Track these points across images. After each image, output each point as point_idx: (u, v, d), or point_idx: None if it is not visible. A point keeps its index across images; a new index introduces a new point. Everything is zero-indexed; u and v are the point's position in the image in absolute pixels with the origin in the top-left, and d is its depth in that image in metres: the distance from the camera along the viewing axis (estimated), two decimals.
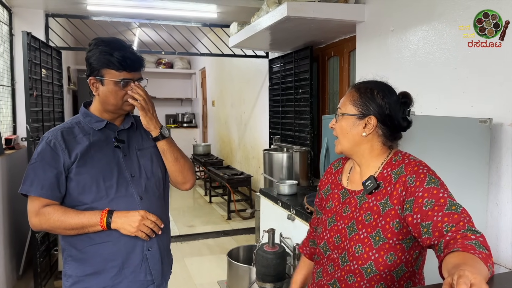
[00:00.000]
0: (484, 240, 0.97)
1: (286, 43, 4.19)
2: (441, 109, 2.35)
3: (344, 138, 1.26)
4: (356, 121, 1.23)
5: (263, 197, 3.27)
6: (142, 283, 1.54)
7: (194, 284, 3.72)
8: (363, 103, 1.22)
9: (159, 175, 1.63)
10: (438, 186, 1.10)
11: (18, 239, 3.58)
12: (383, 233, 1.15)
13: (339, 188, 1.34)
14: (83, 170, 1.46)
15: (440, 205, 1.05)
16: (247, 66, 6.22)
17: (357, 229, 1.20)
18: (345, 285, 1.21)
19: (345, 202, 1.29)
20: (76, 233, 1.45)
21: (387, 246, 1.14)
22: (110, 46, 1.47)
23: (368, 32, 3.04)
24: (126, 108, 1.53)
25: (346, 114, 1.25)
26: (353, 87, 1.29)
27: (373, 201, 1.20)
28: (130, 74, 1.48)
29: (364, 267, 1.16)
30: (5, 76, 3.95)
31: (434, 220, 1.04)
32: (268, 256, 2.26)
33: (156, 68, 10.21)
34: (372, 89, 1.24)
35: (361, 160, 1.27)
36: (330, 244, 1.27)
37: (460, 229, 1.00)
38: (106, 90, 1.48)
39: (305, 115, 4.16)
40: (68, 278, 1.51)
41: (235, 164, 7.13)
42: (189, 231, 5.25)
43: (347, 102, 1.26)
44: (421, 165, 1.17)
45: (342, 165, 1.40)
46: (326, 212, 1.35)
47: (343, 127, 1.25)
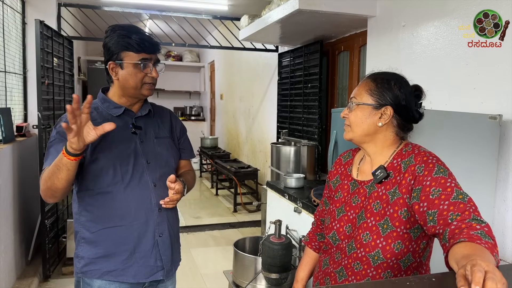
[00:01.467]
0: (490, 230, 0.98)
1: (296, 37, 4.19)
2: (451, 105, 2.34)
3: (358, 127, 1.25)
4: (372, 111, 1.23)
5: (270, 190, 3.29)
6: (152, 268, 1.57)
7: (200, 274, 3.76)
8: (380, 93, 1.23)
9: (172, 165, 1.65)
10: (446, 176, 1.11)
11: (27, 226, 3.64)
12: (391, 221, 1.16)
13: (348, 179, 1.35)
14: (100, 154, 1.48)
15: (447, 194, 1.06)
16: (256, 60, 6.22)
17: (365, 217, 1.22)
18: (351, 272, 1.23)
19: (354, 192, 1.30)
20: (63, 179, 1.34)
21: (395, 234, 1.16)
22: (128, 30, 1.50)
23: (379, 27, 3.03)
24: (145, 93, 1.54)
25: (362, 103, 1.25)
26: (368, 77, 1.29)
27: (382, 190, 1.22)
28: (149, 55, 1.51)
29: (371, 255, 1.18)
30: (17, 64, 3.99)
31: (440, 209, 1.05)
32: (274, 247, 2.27)
33: (165, 60, 10.24)
34: (389, 80, 1.24)
35: (373, 149, 1.28)
36: (340, 234, 1.28)
37: (466, 218, 1.00)
38: (126, 73, 1.50)
39: (314, 109, 4.17)
40: (81, 259, 1.54)
41: (242, 157, 7.15)
42: (195, 222, 5.30)
43: (363, 91, 1.25)
44: (430, 156, 1.18)
45: (352, 156, 1.41)
46: (334, 202, 1.35)
47: (358, 116, 1.25)
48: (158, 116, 1.68)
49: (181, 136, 1.75)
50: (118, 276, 1.52)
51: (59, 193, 1.39)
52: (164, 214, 1.56)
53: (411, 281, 0.84)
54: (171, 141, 1.67)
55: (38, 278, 3.41)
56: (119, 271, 1.52)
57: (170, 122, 1.72)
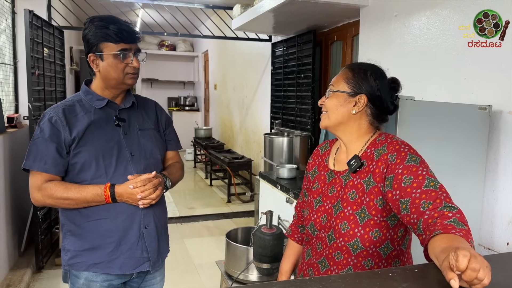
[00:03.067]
0: (462, 216, 1.00)
1: (289, 26, 4.16)
2: (441, 96, 2.35)
3: (333, 114, 1.28)
4: (347, 98, 1.26)
5: (262, 181, 3.30)
6: (138, 260, 1.57)
7: (193, 264, 3.77)
8: (356, 82, 1.26)
9: (157, 156, 1.65)
10: (418, 164, 1.13)
11: (20, 217, 3.63)
12: (367, 210, 1.19)
13: (325, 169, 1.37)
14: (83, 147, 1.48)
15: (419, 182, 1.09)
16: (250, 50, 6.19)
17: (342, 207, 1.24)
18: (333, 262, 1.25)
19: (330, 183, 1.32)
20: (79, 207, 1.49)
21: (372, 222, 1.18)
22: (105, 20, 1.48)
23: (372, 17, 3.02)
24: (128, 82, 1.54)
25: (338, 91, 1.28)
26: (347, 67, 1.32)
27: (357, 179, 1.24)
28: (128, 45, 1.49)
29: (351, 244, 1.20)
30: (7, 54, 3.94)
31: (412, 197, 1.07)
32: (265, 237, 2.28)
33: (158, 50, 10.17)
34: (366, 70, 1.28)
35: (347, 137, 1.30)
36: (317, 224, 1.30)
37: (437, 206, 1.03)
38: (106, 64, 1.49)
39: (307, 100, 4.16)
40: (67, 252, 1.55)
41: (236, 148, 7.15)
42: (189, 212, 5.31)
43: (340, 80, 1.29)
44: (402, 144, 1.21)
45: (329, 147, 1.43)
46: (312, 193, 1.38)
47: (333, 103, 1.28)
48: (142, 107, 1.67)
49: (167, 127, 1.74)
50: (104, 268, 1.53)
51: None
52: (150, 206, 1.56)
53: (393, 272, 0.85)
54: (156, 132, 1.67)
55: (31, 269, 3.42)
56: (105, 263, 1.53)
57: (156, 114, 1.71)
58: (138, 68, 1.54)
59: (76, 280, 1.55)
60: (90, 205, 1.48)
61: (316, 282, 0.78)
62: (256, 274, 2.45)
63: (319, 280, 0.81)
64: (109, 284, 1.56)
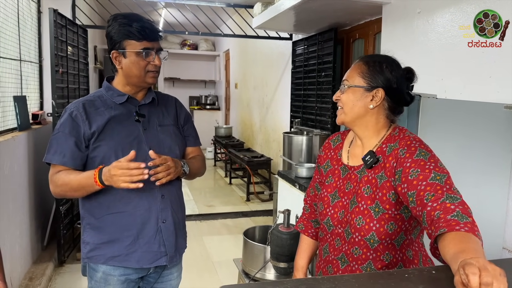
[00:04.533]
0: (464, 207, 0.98)
1: (310, 24, 4.13)
2: (465, 94, 2.28)
3: (349, 110, 1.25)
4: (364, 93, 1.23)
5: (281, 179, 3.27)
6: (155, 254, 1.58)
7: (211, 261, 3.78)
8: (371, 75, 1.23)
9: (176, 152, 1.65)
10: (426, 159, 1.12)
11: (43, 212, 3.71)
12: (381, 204, 1.18)
13: (339, 164, 1.35)
14: (102, 142, 1.50)
15: (425, 175, 1.07)
16: (270, 49, 6.17)
17: (357, 202, 1.22)
18: (352, 258, 1.23)
19: (345, 178, 1.30)
20: (83, 194, 1.49)
21: (387, 216, 1.17)
22: (128, 18, 1.49)
23: (394, 14, 2.96)
24: (149, 81, 1.55)
25: (354, 86, 1.24)
26: (360, 60, 1.28)
27: (371, 175, 1.22)
28: (150, 43, 1.50)
29: (367, 238, 1.19)
30: (33, 53, 4.04)
31: (418, 189, 1.06)
32: (282, 236, 2.27)
33: (181, 49, 10.25)
34: (381, 62, 1.24)
35: (364, 132, 1.27)
36: (334, 220, 1.29)
37: (439, 197, 1.01)
38: (129, 61, 1.50)
39: (327, 98, 4.11)
40: (86, 245, 1.57)
41: (256, 146, 7.15)
42: (208, 210, 5.33)
43: (355, 74, 1.25)
44: (414, 140, 1.19)
45: (341, 140, 1.40)
46: (326, 187, 1.35)
47: (350, 98, 1.25)
48: (163, 104, 1.68)
49: (185, 123, 1.75)
50: (122, 261, 1.54)
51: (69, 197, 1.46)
52: (168, 200, 1.57)
53: (409, 273, 0.82)
54: (175, 128, 1.67)
55: (53, 263, 3.49)
56: (123, 257, 1.54)
57: (175, 110, 1.72)
58: (160, 66, 1.55)
59: (94, 273, 1.57)
60: (87, 190, 1.45)
61: (329, 281, 0.76)
62: (273, 273, 2.43)
63: (332, 279, 0.79)
64: (126, 278, 1.58)
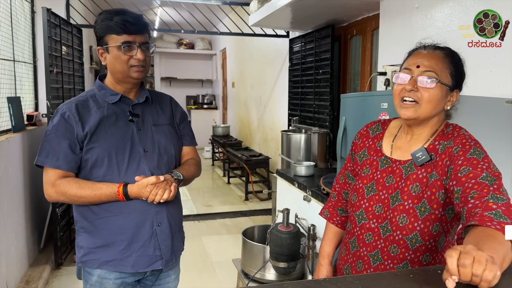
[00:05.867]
0: (508, 208, 0.93)
1: (307, 21, 4.09)
2: (466, 89, 2.24)
3: (429, 106, 1.14)
4: (447, 93, 1.16)
5: (279, 178, 3.24)
6: (151, 258, 1.54)
7: (210, 262, 3.75)
8: (458, 76, 1.17)
9: (172, 152, 1.61)
10: (480, 158, 1.07)
11: (39, 214, 3.67)
12: (428, 204, 1.12)
13: (378, 155, 1.28)
14: (96, 143, 1.46)
15: (476, 173, 1.02)
16: (267, 47, 6.14)
17: (401, 200, 1.16)
18: (387, 256, 1.18)
19: (385, 170, 1.24)
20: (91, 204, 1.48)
21: (433, 216, 1.12)
22: (111, 13, 1.46)
23: (392, 10, 2.93)
24: (133, 75, 1.48)
25: (444, 83, 1.14)
26: (446, 54, 1.18)
27: (422, 173, 1.16)
28: (131, 36, 1.44)
29: (409, 237, 1.13)
30: (27, 53, 3.99)
31: (465, 186, 1.02)
32: (282, 235, 2.24)
33: (177, 48, 10.21)
34: (463, 63, 1.19)
35: (423, 129, 1.21)
36: (369, 213, 1.22)
37: (484, 196, 0.96)
38: (111, 57, 1.46)
39: (325, 96, 4.08)
40: (80, 249, 1.53)
41: (254, 145, 7.11)
42: (207, 210, 5.30)
43: (444, 69, 1.15)
44: (470, 138, 1.15)
45: (382, 130, 1.33)
46: (362, 178, 1.28)
47: (437, 95, 1.13)
48: (157, 102, 1.64)
49: (181, 122, 1.71)
50: (116, 265, 1.51)
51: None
52: (163, 203, 1.53)
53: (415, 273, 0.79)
54: (171, 128, 1.63)
55: (50, 265, 3.45)
56: (118, 261, 1.50)
57: (171, 109, 1.68)
58: (144, 60, 1.48)
59: (89, 277, 1.54)
60: (104, 201, 1.46)
61: (331, 283, 0.73)
62: (273, 273, 2.40)
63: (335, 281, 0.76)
64: (122, 281, 1.54)
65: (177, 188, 1.52)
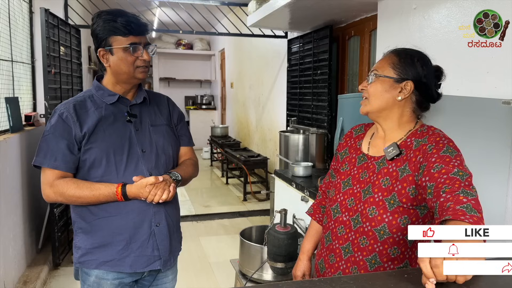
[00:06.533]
0: (477, 203, 0.97)
1: (305, 22, 4.10)
2: (463, 90, 2.25)
3: (376, 100, 1.25)
4: (393, 84, 1.23)
5: (277, 179, 3.25)
6: (149, 258, 1.54)
7: (208, 262, 3.75)
8: (402, 67, 1.23)
9: (170, 152, 1.62)
10: (452, 156, 1.11)
11: (37, 214, 3.67)
12: (398, 197, 1.17)
13: (357, 152, 1.35)
14: (94, 144, 1.46)
15: (447, 169, 1.07)
16: (266, 47, 6.14)
17: (372, 192, 1.22)
18: (357, 248, 1.23)
19: (361, 167, 1.30)
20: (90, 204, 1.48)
21: (401, 209, 1.16)
22: (113, 14, 1.46)
23: (390, 10, 2.93)
24: (139, 76, 1.51)
25: (384, 76, 1.24)
26: (392, 52, 1.29)
27: (393, 167, 1.22)
28: (137, 38, 1.46)
29: (377, 229, 1.18)
30: (25, 53, 3.99)
31: (437, 182, 1.05)
32: (279, 236, 2.24)
33: (176, 49, 10.21)
34: (413, 56, 1.25)
35: (388, 124, 1.27)
36: (342, 207, 1.29)
37: (455, 190, 1.00)
38: (116, 58, 1.46)
39: (323, 96, 4.09)
40: (78, 249, 1.53)
41: (252, 146, 7.12)
42: (205, 211, 5.30)
43: (386, 64, 1.26)
44: (443, 137, 1.19)
45: (364, 131, 1.41)
46: (340, 174, 1.36)
47: (378, 88, 1.25)
48: (154, 103, 1.65)
49: (178, 123, 1.71)
50: (114, 266, 1.51)
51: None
52: (161, 203, 1.53)
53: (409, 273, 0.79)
54: (168, 128, 1.64)
55: (48, 266, 3.45)
56: (116, 261, 1.50)
57: (168, 109, 1.68)
58: (149, 61, 1.51)
59: (87, 277, 1.54)
60: (102, 202, 1.47)
61: (326, 283, 0.73)
62: (271, 273, 2.40)
63: (329, 281, 0.76)
64: (120, 282, 1.54)
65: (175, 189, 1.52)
